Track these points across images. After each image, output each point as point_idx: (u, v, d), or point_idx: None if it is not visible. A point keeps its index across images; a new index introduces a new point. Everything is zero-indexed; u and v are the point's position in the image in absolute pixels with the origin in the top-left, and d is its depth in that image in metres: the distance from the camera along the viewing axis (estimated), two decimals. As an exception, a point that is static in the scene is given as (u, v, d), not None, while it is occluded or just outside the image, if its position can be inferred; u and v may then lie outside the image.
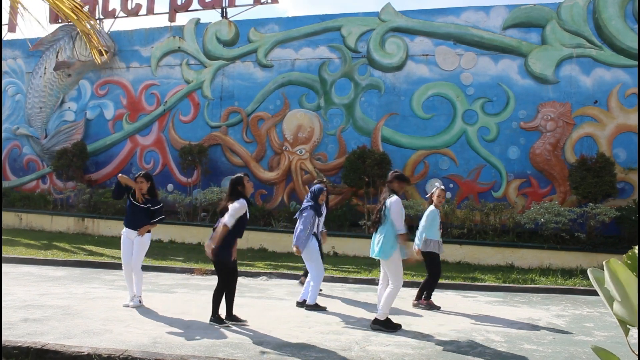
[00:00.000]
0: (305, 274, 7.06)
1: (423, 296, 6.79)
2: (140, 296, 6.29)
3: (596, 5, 11.79)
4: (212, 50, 14.45)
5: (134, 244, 6.28)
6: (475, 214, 11.55)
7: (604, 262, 1.80)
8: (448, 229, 11.03)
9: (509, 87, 12.32)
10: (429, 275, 6.81)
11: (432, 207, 6.86)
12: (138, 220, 6.25)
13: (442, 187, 7.06)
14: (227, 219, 5.38)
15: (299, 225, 6.47)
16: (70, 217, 14.06)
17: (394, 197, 5.55)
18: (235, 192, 5.56)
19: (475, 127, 12.49)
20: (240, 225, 5.54)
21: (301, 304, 6.50)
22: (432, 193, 6.94)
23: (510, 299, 7.66)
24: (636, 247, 1.79)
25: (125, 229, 6.32)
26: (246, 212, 5.54)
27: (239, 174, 5.76)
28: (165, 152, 14.85)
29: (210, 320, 5.51)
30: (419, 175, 12.72)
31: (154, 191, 6.40)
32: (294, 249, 6.43)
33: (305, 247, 6.38)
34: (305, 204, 6.64)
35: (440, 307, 6.71)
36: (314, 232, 6.51)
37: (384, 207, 5.57)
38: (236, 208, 5.41)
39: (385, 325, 5.43)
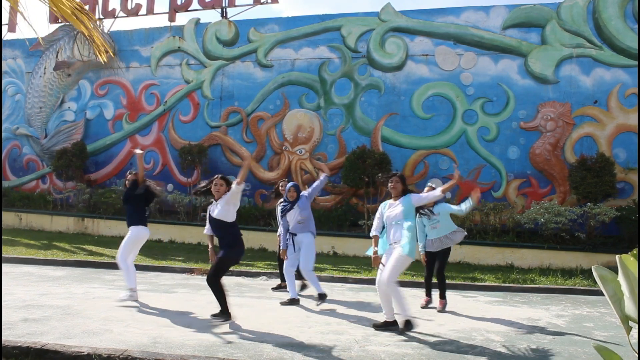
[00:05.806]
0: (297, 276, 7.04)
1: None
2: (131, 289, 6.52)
3: (596, 5, 11.80)
4: (212, 50, 14.45)
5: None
6: (475, 214, 11.54)
7: (617, 257, 1.79)
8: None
9: (509, 87, 12.33)
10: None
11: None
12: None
13: (433, 185, 6.99)
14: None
15: None
16: (70, 217, 14.06)
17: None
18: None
19: (475, 127, 12.49)
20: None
21: (321, 296, 6.70)
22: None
23: (510, 299, 7.66)
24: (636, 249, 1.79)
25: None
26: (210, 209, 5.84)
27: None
28: (165, 152, 14.85)
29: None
30: (419, 175, 12.72)
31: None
32: None
33: None
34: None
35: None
36: (289, 230, 6.74)
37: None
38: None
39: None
